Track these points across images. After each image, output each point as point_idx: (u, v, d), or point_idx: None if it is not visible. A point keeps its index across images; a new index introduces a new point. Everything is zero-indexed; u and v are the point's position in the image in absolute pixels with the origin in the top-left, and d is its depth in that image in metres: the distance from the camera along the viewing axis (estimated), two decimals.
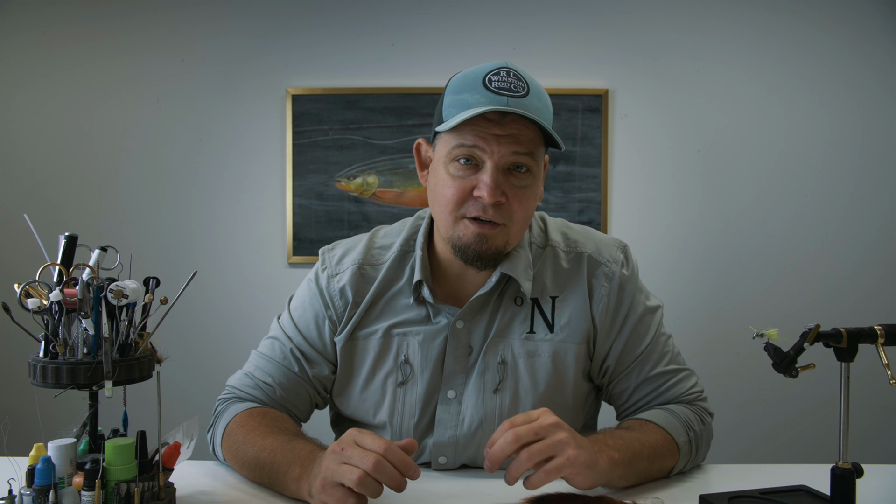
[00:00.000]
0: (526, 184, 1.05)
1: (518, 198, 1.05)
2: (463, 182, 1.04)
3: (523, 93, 1.02)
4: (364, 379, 1.16)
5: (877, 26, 2.62)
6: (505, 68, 1.04)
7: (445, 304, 1.13)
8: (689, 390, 1.17)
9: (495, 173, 1.02)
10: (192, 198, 2.71)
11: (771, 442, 2.67)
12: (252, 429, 1.07)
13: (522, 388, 1.12)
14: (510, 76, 1.03)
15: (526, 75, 1.05)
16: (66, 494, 0.82)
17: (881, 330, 0.87)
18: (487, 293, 1.12)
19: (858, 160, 2.65)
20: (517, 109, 0.99)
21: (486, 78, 1.03)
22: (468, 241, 1.06)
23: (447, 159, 1.06)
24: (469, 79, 1.05)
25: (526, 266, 1.14)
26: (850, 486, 0.87)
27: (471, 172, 1.04)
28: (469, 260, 1.08)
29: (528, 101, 1.02)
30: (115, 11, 2.68)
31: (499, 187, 1.02)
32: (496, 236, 1.06)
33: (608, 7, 2.66)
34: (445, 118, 1.05)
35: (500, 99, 1.00)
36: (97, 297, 0.85)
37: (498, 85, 1.02)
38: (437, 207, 1.09)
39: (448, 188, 1.05)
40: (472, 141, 1.02)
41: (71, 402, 0.95)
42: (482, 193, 1.02)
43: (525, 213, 1.07)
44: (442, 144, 1.07)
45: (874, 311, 2.61)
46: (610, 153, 2.67)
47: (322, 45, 2.68)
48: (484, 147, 1.02)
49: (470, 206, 1.05)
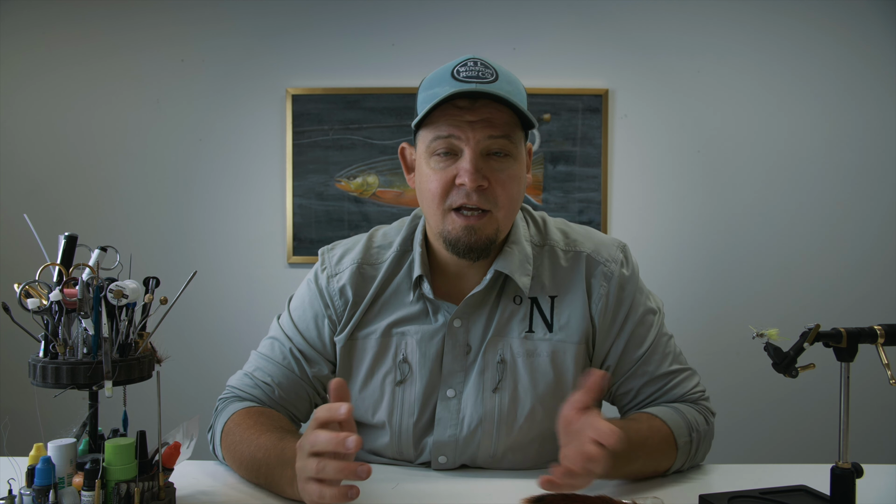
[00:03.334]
0: (506, 166, 1.06)
1: (500, 182, 1.05)
2: (444, 173, 1.05)
3: (492, 79, 1.03)
4: (363, 378, 1.16)
5: (877, 26, 2.62)
6: (472, 59, 1.06)
7: (445, 301, 1.13)
8: (692, 390, 1.17)
9: (474, 158, 1.03)
10: (192, 198, 2.71)
11: (771, 442, 2.67)
12: (248, 427, 1.07)
13: (521, 388, 1.12)
14: (477, 65, 1.05)
15: (495, 64, 1.07)
16: (66, 494, 0.82)
17: (881, 330, 0.87)
18: (483, 291, 1.12)
19: (858, 160, 2.65)
20: (485, 89, 1.01)
21: (454, 70, 1.05)
22: (457, 234, 1.07)
23: (427, 155, 1.07)
24: (439, 74, 1.07)
25: (522, 261, 1.14)
26: (850, 486, 0.87)
27: (451, 163, 1.05)
28: (461, 252, 1.08)
29: (498, 86, 1.03)
30: (114, 12, 2.68)
31: (479, 171, 1.03)
32: (484, 226, 1.06)
33: (608, 7, 2.66)
34: (420, 112, 1.07)
35: (468, 86, 1.02)
36: (97, 297, 0.85)
37: (466, 74, 1.04)
38: (425, 204, 1.10)
39: (431, 182, 1.06)
40: (447, 131, 1.04)
41: (71, 402, 0.95)
42: (463, 180, 1.03)
43: (510, 197, 1.07)
44: (421, 141, 1.09)
45: (874, 311, 2.61)
46: (610, 153, 2.67)
47: (322, 45, 2.68)
48: (459, 135, 1.03)
49: (454, 195, 1.06)
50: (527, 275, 1.13)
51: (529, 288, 1.14)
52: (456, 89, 1.01)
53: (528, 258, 1.15)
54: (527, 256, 1.15)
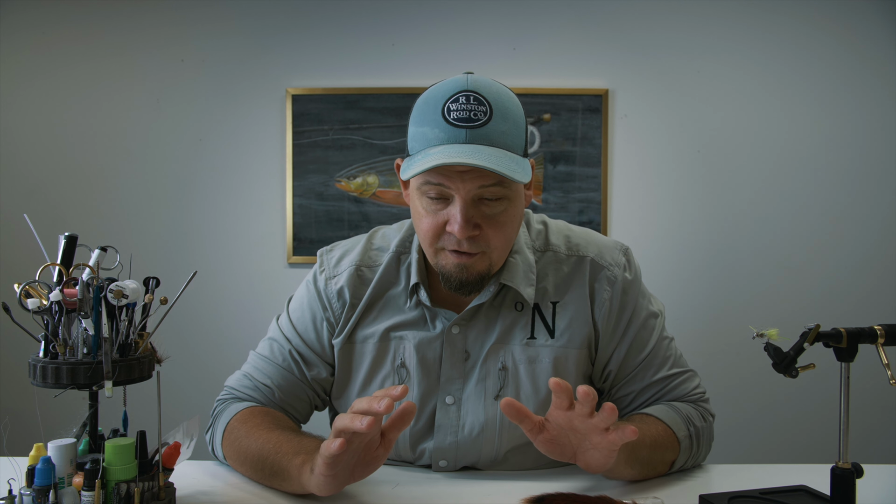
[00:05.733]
0: (499, 210, 1.03)
1: (493, 226, 1.03)
2: (436, 217, 1.03)
3: (484, 119, 0.98)
4: (361, 382, 1.15)
5: (877, 26, 2.62)
6: (465, 93, 0.99)
7: (442, 309, 1.13)
8: (692, 391, 1.17)
9: (465, 208, 1.00)
10: (192, 198, 2.71)
11: (771, 442, 2.67)
12: (255, 425, 1.07)
13: (523, 394, 1.11)
14: (469, 101, 0.98)
15: (488, 94, 1.00)
16: (66, 494, 0.82)
17: (881, 330, 0.87)
18: (486, 301, 1.12)
19: (858, 160, 2.65)
20: (472, 160, 0.94)
21: (445, 107, 0.99)
22: (450, 270, 1.05)
23: (418, 193, 1.05)
24: (430, 105, 1.01)
25: (526, 271, 1.13)
26: (850, 486, 0.87)
27: (442, 206, 1.03)
28: (453, 288, 1.07)
29: (491, 128, 0.98)
30: (115, 12, 2.68)
31: (470, 221, 1.00)
32: (476, 263, 1.05)
33: (608, 7, 2.66)
34: (410, 151, 1.04)
35: (457, 133, 0.97)
36: (97, 297, 0.85)
37: (457, 115, 0.98)
38: (419, 235, 1.09)
39: (423, 222, 1.05)
40: (438, 179, 1.00)
41: (71, 402, 0.95)
42: (454, 230, 1.01)
43: (503, 239, 1.05)
44: (413, 179, 1.05)
45: (874, 311, 2.61)
46: (610, 153, 2.67)
47: (322, 45, 2.68)
48: (449, 185, 1.00)
49: (446, 239, 1.04)
50: (531, 285, 1.12)
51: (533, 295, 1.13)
52: (448, 142, 0.97)
53: (532, 267, 1.14)
54: (530, 266, 1.14)
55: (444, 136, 0.98)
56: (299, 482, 0.95)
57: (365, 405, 0.84)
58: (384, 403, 0.82)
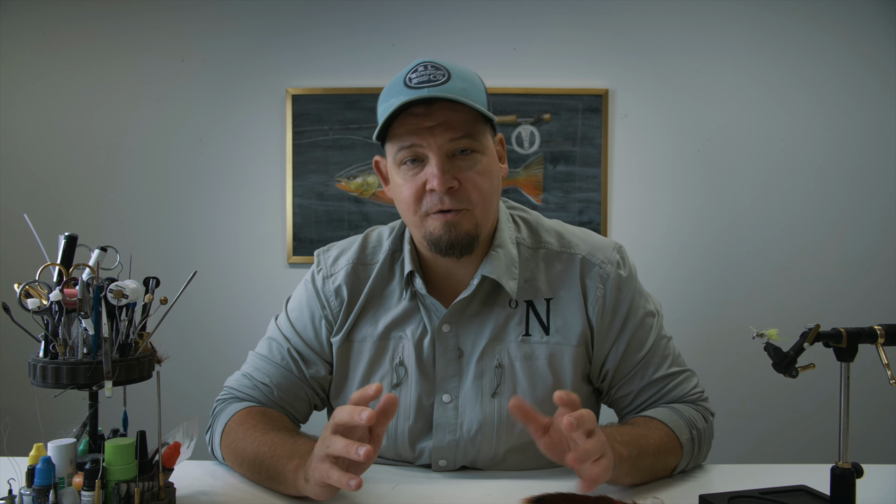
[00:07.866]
0: (473, 163, 1.06)
1: (470, 180, 1.06)
2: (415, 181, 1.06)
3: (444, 80, 1.03)
4: (360, 381, 1.16)
5: (877, 26, 2.62)
6: (423, 63, 1.06)
7: (436, 301, 1.13)
8: (691, 391, 1.17)
9: (440, 162, 1.03)
10: (192, 198, 2.71)
11: (771, 442, 2.67)
12: (252, 426, 1.07)
13: (520, 391, 1.12)
14: (428, 69, 1.05)
15: (448, 63, 1.06)
16: (66, 494, 0.82)
17: (881, 330, 0.87)
18: (471, 296, 1.12)
19: (858, 160, 2.65)
20: (436, 93, 1.01)
21: (406, 78, 1.05)
22: (438, 232, 1.07)
23: (396, 165, 1.08)
24: (392, 84, 1.07)
25: (509, 265, 1.13)
26: (850, 486, 0.87)
27: (419, 169, 1.06)
28: (443, 250, 1.08)
29: (451, 85, 1.03)
30: (115, 12, 2.68)
31: (447, 173, 1.04)
32: (462, 221, 1.06)
33: (608, 7, 2.66)
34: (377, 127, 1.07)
35: (418, 92, 1.02)
36: (97, 297, 0.85)
37: (417, 80, 1.04)
38: (403, 213, 1.11)
39: (404, 190, 1.07)
40: (409, 140, 1.04)
41: (71, 402, 0.95)
42: (433, 185, 1.04)
43: (482, 194, 1.07)
44: (388, 153, 1.10)
45: (874, 311, 2.61)
46: (610, 153, 2.67)
47: (322, 45, 2.68)
48: (421, 143, 1.04)
49: (428, 201, 1.06)
50: (513, 279, 1.13)
51: (523, 291, 1.13)
52: (407, 98, 1.02)
53: (514, 261, 1.14)
54: (513, 260, 1.14)
55: (406, 97, 1.03)
56: (294, 486, 0.95)
57: (346, 416, 0.86)
58: (365, 416, 0.85)
